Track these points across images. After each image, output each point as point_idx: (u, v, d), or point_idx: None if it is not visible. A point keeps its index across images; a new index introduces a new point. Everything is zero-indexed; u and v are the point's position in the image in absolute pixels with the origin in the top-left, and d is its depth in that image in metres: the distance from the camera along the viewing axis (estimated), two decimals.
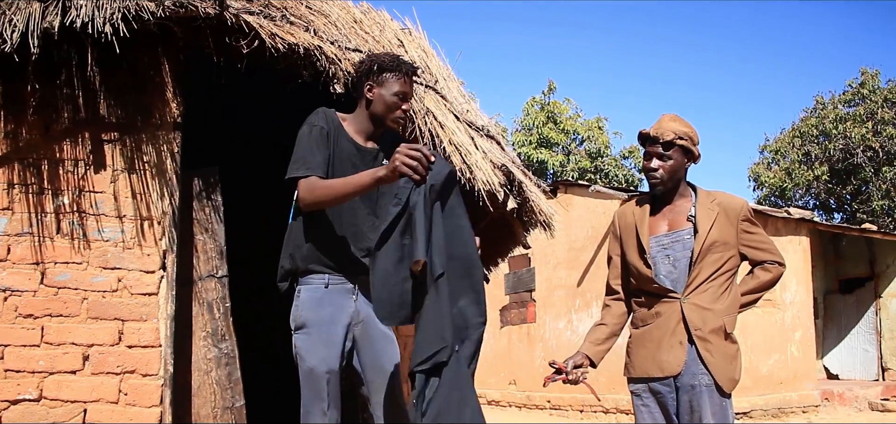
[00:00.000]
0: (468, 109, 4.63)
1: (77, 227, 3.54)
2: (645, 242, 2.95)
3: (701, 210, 2.93)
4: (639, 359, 2.96)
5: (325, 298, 2.75)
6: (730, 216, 2.93)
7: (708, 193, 3.01)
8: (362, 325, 2.80)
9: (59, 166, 3.57)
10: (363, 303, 2.79)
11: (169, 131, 3.73)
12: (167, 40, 3.64)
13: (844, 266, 14.06)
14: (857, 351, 13.67)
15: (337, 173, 2.73)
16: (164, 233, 3.65)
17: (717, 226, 2.89)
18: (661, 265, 2.94)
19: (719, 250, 2.89)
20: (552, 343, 12.35)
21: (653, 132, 2.91)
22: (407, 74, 2.85)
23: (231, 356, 3.84)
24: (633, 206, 3.08)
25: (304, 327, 2.74)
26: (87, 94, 3.60)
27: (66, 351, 3.44)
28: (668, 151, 2.88)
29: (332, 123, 2.78)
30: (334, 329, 2.74)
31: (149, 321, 3.57)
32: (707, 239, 2.87)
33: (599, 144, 19.73)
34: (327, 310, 2.74)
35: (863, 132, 19.13)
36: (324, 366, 2.70)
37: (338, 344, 2.74)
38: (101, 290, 3.53)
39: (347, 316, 2.77)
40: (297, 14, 3.80)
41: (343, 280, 2.78)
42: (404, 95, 2.84)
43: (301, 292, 2.77)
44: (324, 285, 2.76)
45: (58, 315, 3.46)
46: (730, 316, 2.89)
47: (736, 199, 3.00)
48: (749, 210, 2.99)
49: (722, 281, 2.89)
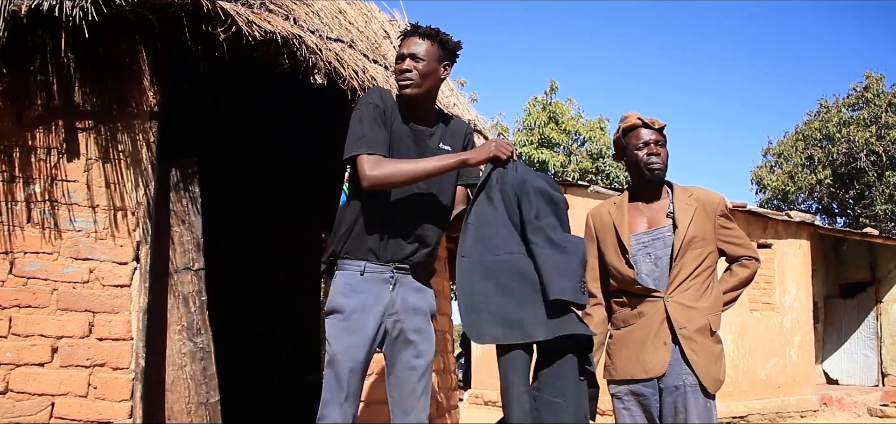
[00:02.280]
0: (455, 102, 4.56)
1: (48, 216, 3.47)
2: (626, 241, 2.88)
3: (679, 206, 2.87)
4: (621, 361, 2.88)
5: (360, 285, 2.67)
6: (708, 211, 2.88)
7: (684, 188, 2.96)
8: (396, 317, 2.71)
9: (30, 154, 3.49)
10: (401, 294, 2.72)
11: (145, 120, 3.65)
12: (144, 28, 3.56)
13: (845, 271, 13.96)
14: (857, 356, 13.57)
15: (392, 155, 2.66)
16: (139, 224, 3.58)
17: (695, 221, 2.84)
18: (642, 263, 2.87)
19: (699, 246, 2.83)
20: None
21: (647, 120, 2.90)
22: (405, 34, 2.80)
23: (206, 351, 3.76)
24: (610, 205, 3.03)
25: (335, 313, 2.68)
26: (61, 81, 3.52)
27: (35, 343, 3.36)
28: (662, 137, 2.91)
29: (387, 103, 2.72)
30: (364, 318, 2.66)
31: (121, 313, 3.49)
32: (686, 234, 2.81)
33: (601, 145, 19.61)
34: (360, 297, 2.66)
35: (866, 137, 18.99)
36: (348, 355, 2.61)
37: (367, 334, 2.65)
38: (72, 281, 3.45)
39: (382, 306, 2.69)
40: (278, 2, 3.71)
41: (382, 268, 2.70)
42: (401, 56, 2.75)
43: (337, 276, 2.72)
44: (360, 271, 2.68)
45: (26, 306, 3.38)
46: (714, 314, 2.83)
47: (713, 194, 2.95)
48: (726, 205, 2.96)
49: (704, 278, 2.83)
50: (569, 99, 20.25)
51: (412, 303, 2.74)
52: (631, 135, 2.93)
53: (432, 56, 2.74)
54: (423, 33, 2.76)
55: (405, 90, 2.72)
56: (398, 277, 2.72)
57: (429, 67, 2.73)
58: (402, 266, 2.72)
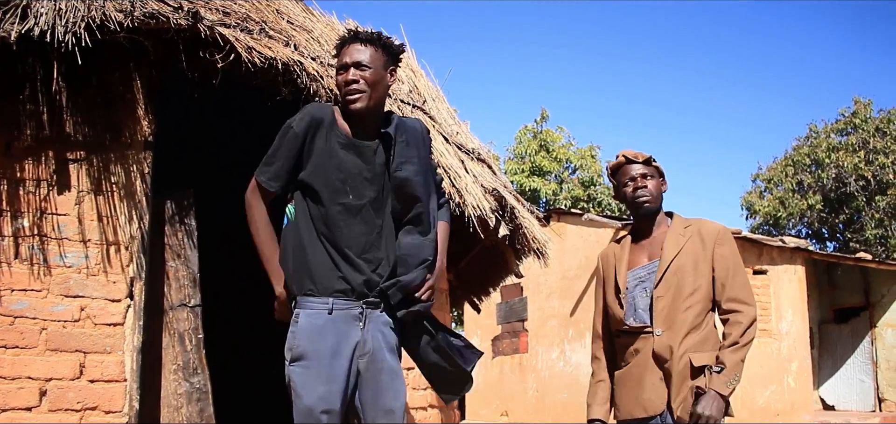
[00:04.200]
0: (458, 130, 4.46)
1: (37, 251, 3.31)
2: (621, 280, 2.83)
3: (671, 236, 2.80)
4: (623, 400, 2.81)
5: (328, 326, 2.39)
6: (705, 240, 2.77)
7: (685, 220, 2.87)
8: (368, 357, 2.44)
9: (19, 187, 3.35)
10: (372, 330, 2.45)
11: (139, 151, 3.52)
12: (138, 55, 3.44)
13: (839, 296, 13.93)
14: (853, 382, 13.50)
15: (325, 170, 2.43)
16: (132, 259, 3.43)
17: (686, 251, 2.74)
18: (639, 299, 2.80)
19: (689, 276, 2.71)
20: (545, 374, 12.10)
21: (631, 154, 2.85)
22: (345, 42, 2.51)
23: (203, 392, 3.60)
24: (615, 245, 2.98)
25: (302, 359, 2.38)
26: (51, 110, 3.40)
27: (22, 386, 3.20)
28: (650, 172, 2.83)
29: (315, 121, 2.45)
30: (337, 363, 2.38)
31: (113, 353, 3.33)
32: (671, 265, 2.72)
33: (592, 173, 19.61)
34: (330, 341, 2.38)
35: (855, 161, 19.13)
36: (322, 405, 2.34)
37: (340, 380, 2.38)
38: (62, 320, 3.29)
39: (352, 346, 2.42)
40: (277, 28, 3.62)
41: (350, 304, 2.43)
42: (343, 65, 2.47)
43: (299, 316, 2.42)
44: (327, 310, 2.40)
45: (13, 347, 3.21)
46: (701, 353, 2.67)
47: (715, 224, 2.84)
48: (728, 235, 2.80)
49: (696, 312, 2.70)
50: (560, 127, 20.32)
51: (383, 340, 2.48)
52: (619, 174, 2.90)
53: (378, 63, 2.49)
54: (365, 39, 2.50)
55: (354, 105, 2.45)
56: (368, 313, 2.46)
57: (375, 75, 2.47)
58: (371, 300, 2.46)
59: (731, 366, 2.61)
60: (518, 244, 4.52)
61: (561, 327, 11.90)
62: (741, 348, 2.64)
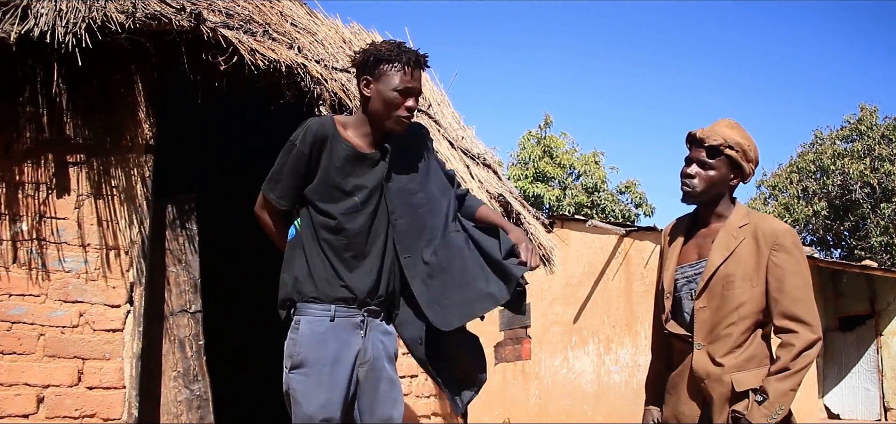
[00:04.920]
0: (463, 135, 4.41)
1: (36, 256, 3.26)
2: (667, 279, 2.55)
3: (722, 235, 2.45)
4: (668, 406, 2.55)
5: (330, 333, 2.36)
6: (761, 243, 2.37)
7: (744, 215, 2.47)
8: (368, 366, 2.42)
9: (18, 190, 3.30)
10: (372, 339, 2.43)
11: (140, 154, 3.47)
12: (140, 57, 3.40)
13: (844, 304, 13.84)
14: (858, 390, 13.41)
15: (331, 183, 2.39)
16: (132, 264, 3.38)
17: (737, 256, 2.39)
18: (685, 301, 2.52)
19: (739, 287, 2.37)
20: (548, 381, 12.04)
21: (700, 134, 2.47)
22: (409, 63, 2.40)
23: (204, 399, 3.55)
24: (679, 223, 2.65)
25: (303, 366, 2.35)
26: (51, 112, 3.35)
27: (19, 393, 3.14)
28: (712, 159, 2.43)
29: (319, 138, 2.39)
30: (338, 371, 2.35)
31: (112, 359, 3.28)
32: (717, 271, 2.40)
33: (596, 179, 19.54)
34: (331, 348, 2.35)
35: (861, 168, 19.03)
36: (323, 413, 2.31)
37: (341, 389, 2.35)
38: (60, 325, 3.24)
39: (353, 355, 2.39)
40: (281, 31, 3.58)
41: (351, 312, 2.40)
42: (407, 89, 2.39)
43: (300, 323, 2.38)
44: (329, 317, 2.37)
45: (10, 353, 3.16)
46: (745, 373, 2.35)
47: (776, 222, 2.42)
48: (790, 238, 2.37)
49: (744, 327, 2.38)
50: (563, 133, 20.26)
51: (383, 349, 2.47)
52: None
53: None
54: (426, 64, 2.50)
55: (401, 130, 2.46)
56: (368, 321, 2.44)
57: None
58: (372, 308, 2.44)
59: (775, 397, 2.26)
60: None
61: (564, 334, 11.84)
62: (791, 376, 2.27)
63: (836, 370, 13.71)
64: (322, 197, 2.41)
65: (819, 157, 20.45)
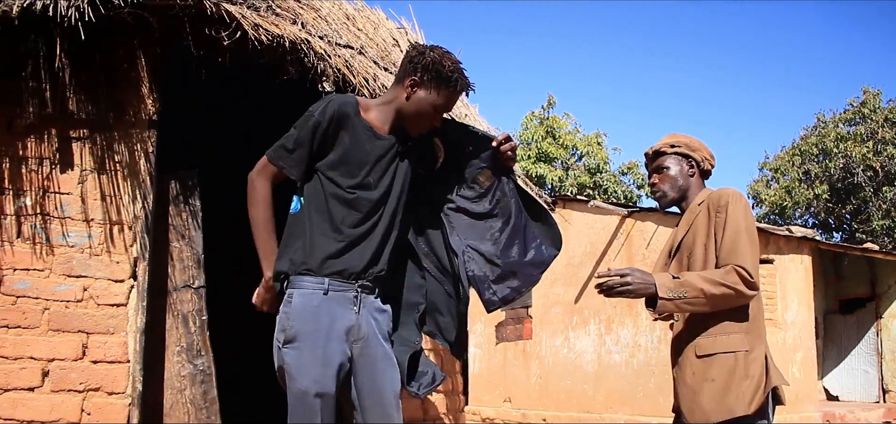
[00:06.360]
0: (466, 113, 4.40)
1: (40, 231, 3.27)
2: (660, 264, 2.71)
3: (686, 214, 2.63)
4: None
5: (323, 306, 2.35)
6: (711, 211, 2.51)
7: (704, 194, 2.64)
8: (362, 342, 2.41)
9: (21, 165, 3.30)
10: (365, 316, 2.43)
11: (143, 130, 3.46)
12: (143, 31, 3.38)
13: (845, 286, 13.85)
14: (857, 373, 13.45)
15: (350, 162, 2.41)
16: (136, 239, 3.38)
17: (694, 227, 2.55)
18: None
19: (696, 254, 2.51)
20: (548, 361, 12.08)
21: (649, 150, 2.74)
22: (460, 90, 2.48)
23: (207, 374, 3.56)
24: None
25: (295, 340, 2.33)
26: (54, 87, 3.34)
27: (24, 366, 3.16)
28: (665, 162, 2.66)
29: (340, 114, 2.41)
30: (331, 345, 2.34)
31: (116, 334, 3.29)
32: (682, 243, 2.58)
33: (598, 160, 19.50)
34: (324, 321, 2.34)
35: (863, 151, 18.96)
36: (317, 387, 2.30)
37: (334, 363, 2.33)
38: (65, 300, 3.25)
39: (345, 330, 2.38)
40: (285, 6, 3.56)
41: (345, 286, 2.39)
42: (444, 109, 2.49)
43: (293, 296, 2.37)
44: (322, 290, 2.35)
45: (15, 327, 3.17)
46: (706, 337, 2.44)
47: (723, 190, 2.55)
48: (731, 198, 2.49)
49: None
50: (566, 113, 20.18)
51: (377, 327, 2.47)
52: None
53: None
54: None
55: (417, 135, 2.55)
56: (362, 297, 2.43)
57: None
58: (366, 284, 2.44)
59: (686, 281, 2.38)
60: None
61: (565, 314, 11.86)
62: (708, 282, 2.37)
63: (836, 352, 13.75)
64: (340, 172, 2.42)
65: (822, 140, 20.38)
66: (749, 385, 2.37)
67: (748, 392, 2.36)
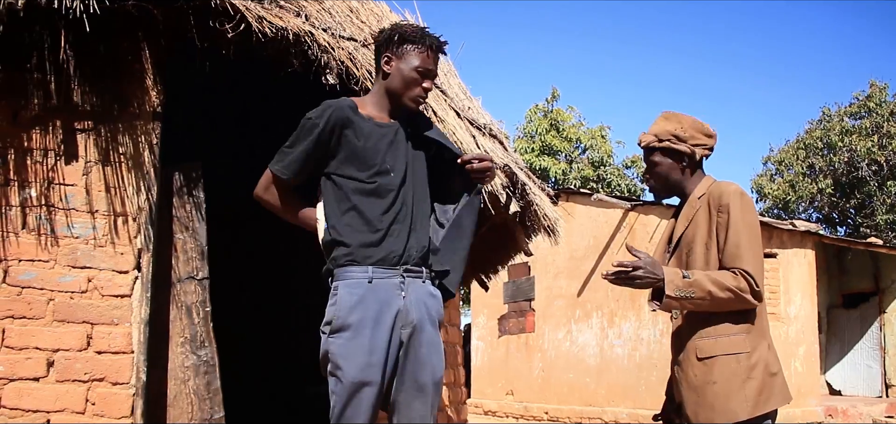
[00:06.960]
0: (469, 105, 4.40)
1: (45, 222, 3.28)
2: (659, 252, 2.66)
3: (686, 207, 2.55)
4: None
5: (369, 295, 2.37)
6: (711, 208, 2.44)
7: (708, 184, 2.54)
8: (411, 329, 2.43)
9: (26, 156, 3.31)
10: (413, 302, 2.44)
11: (148, 122, 3.47)
12: (148, 24, 3.38)
13: (848, 281, 13.84)
14: (860, 367, 13.45)
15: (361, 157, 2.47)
16: (140, 230, 3.39)
17: (695, 223, 2.48)
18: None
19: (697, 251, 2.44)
20: (551, 354, 12.10)
21: (639, 141, 2.65)
22: (431, 47, 2.55)
23: (211, 365, 3.58)
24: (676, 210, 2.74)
25: (343, 330, 2.35)
26: (59, 79, 3.34)
27: (29, 356, 3.17)
28: (653, 157, 2.57)
29: (339, 118, 2.46)
30: (379, 333, 2.36)
31: (121, 325, 3.30)
32: (681, 238, 2.51)
33: (602, 153, 19.50)
34: (372, 309, 2.36)
35: (868, 146, 18.91)
36: (364, 377, 2.31)
37: (381, 351, 2.35)
38: (70, 291, 3.26)
39: (393, 316, 2.40)
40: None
41: (390, 273, 2.42)
42: (426, 71, 2.53)
43: (339, 288, 2.40)
44: (367, 279, 2.38)
45: (21, 317, 3.19)
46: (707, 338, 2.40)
47: (725, 186, 2.47)
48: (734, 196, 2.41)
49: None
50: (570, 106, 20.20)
51: (426, 311, 2.48)
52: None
53: None
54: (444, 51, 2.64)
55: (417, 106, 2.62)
56: (409, 281, 2.45)
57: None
58: (411, 268, 2.47)
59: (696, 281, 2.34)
60: (528, 222, 4.48)
61: (568, 307, 11.88)
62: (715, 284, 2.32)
63: (839, 346, 13.75)
64: (355, 166, 2.47)
65: (827, 133, 20.32)
66: (752, 387, 2.34)
67: (752, 394, 2.33)
